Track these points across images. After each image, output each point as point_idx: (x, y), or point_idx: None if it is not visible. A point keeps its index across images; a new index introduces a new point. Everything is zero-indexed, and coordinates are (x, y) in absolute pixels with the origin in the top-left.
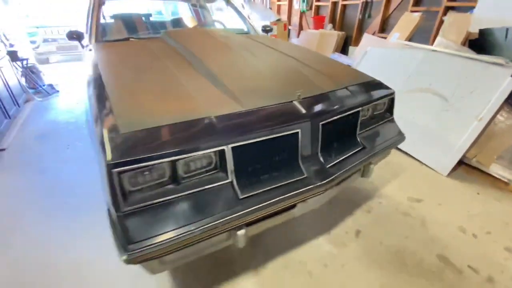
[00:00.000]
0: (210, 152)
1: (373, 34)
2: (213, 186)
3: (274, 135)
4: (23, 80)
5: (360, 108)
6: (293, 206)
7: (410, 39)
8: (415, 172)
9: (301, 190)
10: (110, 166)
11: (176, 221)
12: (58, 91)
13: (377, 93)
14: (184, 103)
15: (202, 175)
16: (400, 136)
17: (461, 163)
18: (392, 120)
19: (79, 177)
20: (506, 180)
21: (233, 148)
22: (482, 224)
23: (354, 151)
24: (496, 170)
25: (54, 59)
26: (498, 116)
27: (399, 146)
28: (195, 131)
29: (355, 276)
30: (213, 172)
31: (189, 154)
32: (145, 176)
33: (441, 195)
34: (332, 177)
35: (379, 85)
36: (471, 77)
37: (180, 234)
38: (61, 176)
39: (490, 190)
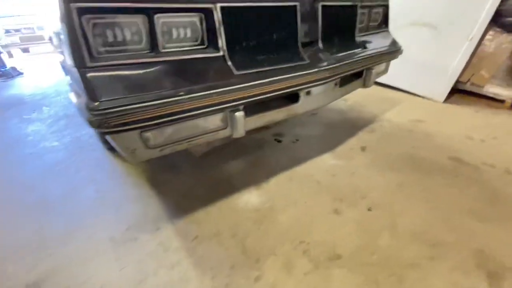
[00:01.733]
0: (194, 10)
1: None
2: (202, 57)
3: (271, 3)
4: None
5: (358, 4)
6: (295, 99)
7: None
8: (412, 102)
9: (303, 72)
10: (66, 2)
11: (159, 85)
12: (22, 73)
13: None
14: None
15: (188, 48)
16: (397, 46)
17: (454, 91)
18: (388, 32)
19: (44, 132)
20: (501, 98)
21: (222, 9)
22: (487, 132)
23: (354, 50)
24: (491, 90)
25: (19, 54)
26: (487, 36)
27: (393, 84)
28: None
29: (367, 180)
30: (201, 47)
31: (167, 4)
32: (115, 33)
33: (441, 115)
34: (335, 64)
35: None
36: (458, 1)
37: (166, 98)
38: (24, 133)
39: (487, 109)
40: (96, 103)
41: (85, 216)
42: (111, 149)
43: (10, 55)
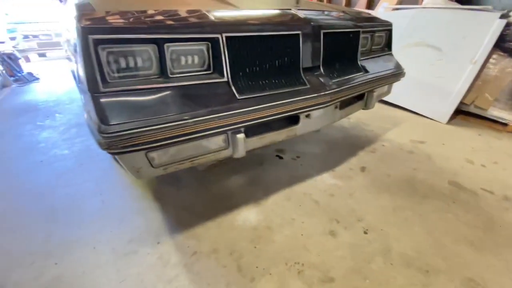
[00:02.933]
0: (201, 39)
1: None
2: (207, 82)
3: (273, 32)
4: (0, 67)
5: (360, 30)
6: (296, 121)
7: (398, 5)
8: (414, 122)
9: (303, 97)
10: (85, 31)
11: (165, 110)
12: (38, 78)
13: (375, 22)
14: (172, 3)
15: (195, 74)
16: (400, 69)
17: (458, 112)
18: (391, 55)
19: (56, 139)
20: (504, 121)
21: (227, 38)
22: (488, 156)
23: (356, 74)
24: (495, 113)
25: (35, 58)
26: (491, 60)
27: (397, 102)
28: (184, 15)
29: (365, 202)
30: (207, 72)
31: (176, 35)
32: (127, 60)
33: (443, 137)
34: (335, 89)
35: (376, 18)
36: (462, 25)
37: (171, 122)
38: (36, 140)
39: (490, 132)
40: (106, 127)
41: (90, 226)
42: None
43: (28, 60)
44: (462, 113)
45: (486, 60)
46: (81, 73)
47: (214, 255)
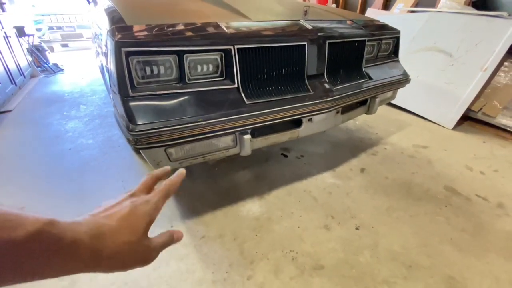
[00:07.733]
0: (216, 50)
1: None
2: (220, 88)
3: (281, 44)
4: (29, 58)
5: (365, 38)
6: (299, 124)
7: (414, 6)
8: (419, 126)
9: (306, 103)
10: (118, 45)
11: (183, 112)
12: (63, 69)
13: (382, 30)
14: (191, 16)
15: (209, 80)
16: (405, 76)
17: (466, 118)
18: (397, 61)
19: (81, 129)
20: (511, 130)
21: (239, 49)
22: (488, 164)
23: (359, 81)
24: (503, 121)
25: (59, 48)
26: (502, 67)
27: (404, 106)
28: (202, 29)
29: (360, 201)
30: (219, 79)
31: (195, 47)
32: (152, 68)
33: (446, 143)
34: (337, 96)
35: (384, 25)
36: (475, 31)
37: (187, 124)
38: (64, 129)
39: (495, 139)
40: (134, 126)
41: None
42: (137, 151)
43: (52, 50)
44: (470, 120)
45: (497, 68)
46: (113, 77)
47: (220, 239)
